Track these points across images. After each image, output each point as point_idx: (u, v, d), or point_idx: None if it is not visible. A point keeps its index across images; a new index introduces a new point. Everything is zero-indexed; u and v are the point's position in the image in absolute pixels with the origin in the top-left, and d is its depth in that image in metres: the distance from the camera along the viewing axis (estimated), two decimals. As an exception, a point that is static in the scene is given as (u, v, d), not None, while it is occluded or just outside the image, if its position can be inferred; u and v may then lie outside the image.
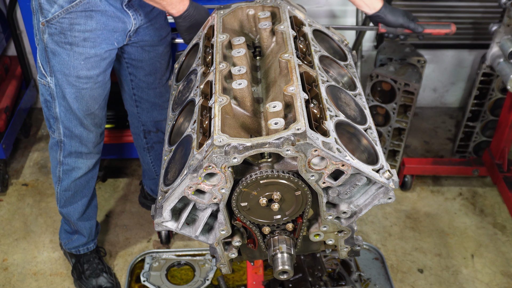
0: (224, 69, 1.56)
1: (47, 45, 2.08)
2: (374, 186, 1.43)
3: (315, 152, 1.28)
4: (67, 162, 2.39)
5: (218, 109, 1.40)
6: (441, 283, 2.77)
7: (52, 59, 2.11)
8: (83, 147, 2.36)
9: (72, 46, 2.07)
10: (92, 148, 2.39)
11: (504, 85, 3.10)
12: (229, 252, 1.55)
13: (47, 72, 2.16)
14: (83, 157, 2.40)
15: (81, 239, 2.65)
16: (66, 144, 2.34)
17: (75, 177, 2.44)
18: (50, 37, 2.06)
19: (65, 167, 2.41)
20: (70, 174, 2.43)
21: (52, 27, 2.03)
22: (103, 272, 2.68)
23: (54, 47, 2.08)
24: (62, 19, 2.01)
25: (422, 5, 3.53)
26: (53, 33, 2.05)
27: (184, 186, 1.34)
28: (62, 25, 2.02)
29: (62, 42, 2.06)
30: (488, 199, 3.27)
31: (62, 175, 2.44)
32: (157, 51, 2.36)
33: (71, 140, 2.33)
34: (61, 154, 2.37)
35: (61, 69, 2.12)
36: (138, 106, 2.58)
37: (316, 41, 1.76)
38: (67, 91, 2.17)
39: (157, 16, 2.27)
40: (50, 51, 2.09)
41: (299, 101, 1.38)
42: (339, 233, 1.54)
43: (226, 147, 1.27)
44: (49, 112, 2.28)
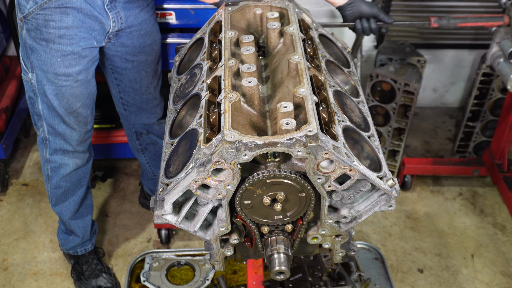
0: (233, 66, 1.56)
1: (26, 41, 2.09)
2: (377, 193, 1.44)
3: (326, 155, 1.29)
4: (53, 159, 2.38)
5: (228, 105, 1.40)
6: (441, 283, 2.77)
7: (31, 55, 2.11)
8: (67, 144, 2.34)
9: (48, 43, 2.06)
10: (76, 146, 2.36)
11: (504, 85, 3.10)
12: (225, 249, 1.55)
13: (29, 68, 2.16)
14: (69, 154, 2.38)
15: (76, 239, 2.64)
16: (51, 142, 2.33)
17: (63, 174, 2.43)
18: (27, 33, 2.06)
19: (52, 165, 2.40)
20: (58, 171, 2.42)
21: (29, 23, 2.03)
22: (102, 272, 2.68)
23: (31, 43, 2.08)
24: (37, 15, 2.01)
25: (422, 5, 3.53)
26: (30, 29, 2.05)
27: (190, 180, 1.34)
28: (38, 21, 2.02)
29: (38, 38, 2.05)
30: (488, 199, 3.27)
31: (50, 172, 2.43)
32: (140, 60, 2.34)
33: (55, 138, 2.32)
34: (47, 152, 2.37)
35: (40, 65, 2.11)
36: (126, 109, 2.57)
37: (321, 46, 1.77)
38: (47, 88, 2.16)
39: (142, 22, 2.24)
40: (29, 47, 2.10)
41: (310, 103, 1.39)
42: (337, 237, 1.54)
43: (237, 144, 1.28)
44: (33, 108, 2.28)
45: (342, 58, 1.87)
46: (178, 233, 2.99)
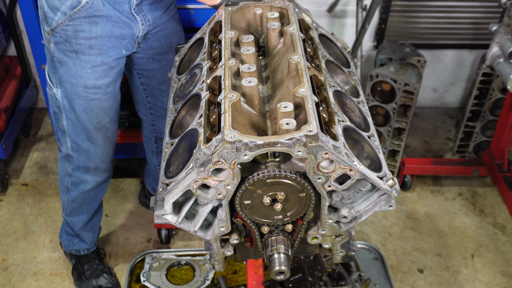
0: (234, 66, 1.56)
1: (54, 55, 2.04)
2: (377, 193, 1.44)
3: (326, 155, 1.29)
4: (75, 174, 2.37)
5: (228, 105, 1.40)
6: (441, 283, 2.77)
7: (59, 69, 2.07)
8: (90, 162, 2.32)
9: (78, 54, 2.02)
10: (99, 163, 2.34)
11: (504, 85, 3.10)
12: (225, 249, 1.55)
13: (54, 83, 2.13)
14: (91, 172, 2.36)
15: (82, 244, 2.64)
16: (74, 158, 2.31)
17: (83, 190, 2.42)
18: (55, 46, 2.02)
19: (74, 179, 2.39)
20: (78, 186, 2.41)
21: (57, 35, 1.99)
22: (103, 272, 2.68)
23: (60, 56, 2.04)
24: (66, 27, 1.97)
25: (422, 5, 3.53)
26: (58, 42, 2.01)
27: (190, 180, 1.34)
28: (67, 33, 1.98)
29: (67, 50, 2.01)
30: (488, 199, 3.27)
31: (70, 185, 2.42)
32: (167, 59, 2.30)
33: (79, 154, 2.29)
34: (70, 167, 2.35)
35: (69, 79, 2.07)
36: (152, 113, 2.54)
37: (321, 46, 1.77)
38: (76, 102, 2.12)
39: (167, 22, 2.21)
40: (57, 61, 2.05)
41: (310, 103, 1.39)
42: (337, 237, 1.54)
43: (237, 144, 1.28)
44: (57, 124, 2.24)
45: (342, 58, 1.87)
46: (178, 233, 2.99)
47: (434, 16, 3.58)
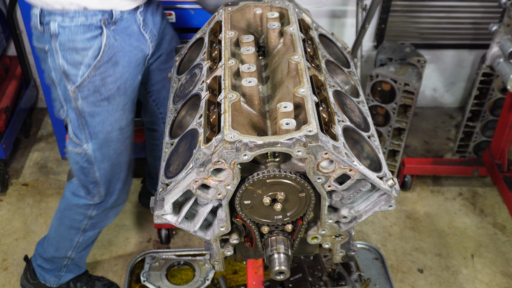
0: (233, 66, 1.56)
1: (83, 110, 1.96)
2: (377, 193, 1.44)
3: (326, 155, 1.29)
4: (99, 216, 2.29)
5: (228, 105, 1.40)
6: (441, 283, 2.77)
7: (91, 122, 1.99)
8: (118, 200, 2.28)
9: (110, 100, 1.96)
10: (125, 197, 2.31)
11: (504, 85, 3.10)
12: (225, 249, 1.55)
13: (83, 140, 2.04)
14: (115, 209, 2.33)
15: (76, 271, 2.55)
16: (105, 202, 2.24)
17: (103, 226, 2.38)
18: (84, 101, 1.93)
19: (95, 220, 2.30)
20: (97, 226, 2.35)
21: (85, 89, 1.91)
22: (96, 280, 2.64)
23: (91, 110, 1.95)
24: (93, 78, 1.90)
25: (422, 5, 3.53)
26: (87, 96, 1.92)
27: (190, 180, 1.34)
28: (95, 83, 1.91)
29: (99, 100, 1.94)
30: (488, 199, 3.27)
31: (89, 227, 2.33)
32: (171, 65, 2.25)
33: (111, 197, 2.23)
34: (94, 212, 2.27)
35: (103, 128, 2.01)
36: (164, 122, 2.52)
37: (321, 46, 1.77)
38: (112, 148, 2.06)
39: (165, 28, 2.16)
40: (88, 115, 1.97)
41: (310, 103, 1.39)
42: (337, 237, 1.54)
43: (237, 144, 1.28)
44: (86, 178, 2.14)
45: (342, 58, 1.87)
46: (178, 233, 2.99)
47: (434, 16, 3.58)
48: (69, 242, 2.37)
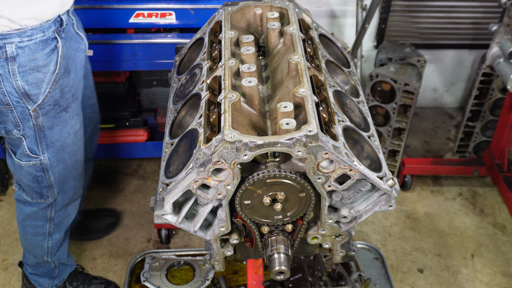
0: (234, 66, 1.56)
1: (43, 126, 1.96)
2: (377, 193, 1.44)
3: (326, 155, 1.29)
4: (58, 215, 2.28)
5: (228, 105, 1.40)
6: (441, 283, 2.77)
7: (49, 135, 2.00)
8: (74, 195, 2.29)
9: (67, 109, 2.00)
10: (80, 191, 2.32)
11: (504, 85, 3.10)
12: (225, 249, 1.55)
13: (39, 152, 2.03)
14: (73, 204, 2.32)
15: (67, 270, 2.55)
16: (58, 201, 2.24)
17: (67, 226, 2.37)
18: (45, 116, 1.94)
19: (57, 220, 2.30)
20: (61, 224, 2.34)
21: (46, 105, 1.92)
22: (93, 279, 2.63)
23: (51, 122, 1.97)
24: (53, 92, 1.91)
25: (422, 5, 3.53)
26: (48, 111, 1.94)
27: (190, 180, 1.34)
28: (55, 97, 1.93)
29: (58, 112, 1.97)
30: (488, 199, 3.27)
31: (53, 229, 2.31)
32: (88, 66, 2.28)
33: (64, 195, 2.23)
34: (52, 212, 2.26)
35: (61, 136, 2.03)
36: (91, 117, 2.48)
37: (321, 46, 1.77)
38: (66, 151, 2.09)
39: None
40: (47, 128, 1.97)
41: (310, 103, 1.39)
42: (337, 237, 1.54)
43: (237, 144, 1.28)
44: (40, 185, 2.13)
45: (342, 58, 1.87)
46: (178, 233, 2.99)
47: (434, 16, 3.57)
48: (40, 248, 2.35)
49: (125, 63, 2.79)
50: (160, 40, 2.73)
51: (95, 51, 2.72)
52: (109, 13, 2.65)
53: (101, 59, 2.75)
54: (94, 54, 2.73)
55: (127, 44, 2.73)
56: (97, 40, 2.72)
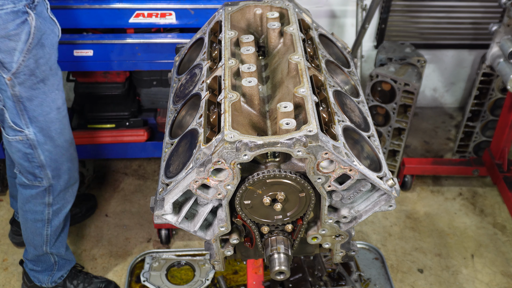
0: (234, 66, 1.56)
1: (21, 96, 2.00)
2: (377, 193, 1.44)
3: (326, 155, 1.29)
4: (57, 201, 2.31)
5: (228, 105, 1.40)
6: (441, 283, 2.77)
7: (30, 106, 2.03)
8: (71, 180, 2.30)
9: (45, 81, 2.02)
10: (77, 174, 2.34)
11: (504, 85, 3.10)
12: (225, 249, 1.55)
13: (24, 126, 2.07)
14: (71, 188, 2.34)
15: (67, 265, 2.56)
16: (55, 186, 2.25)
17: (65, 213, 2.38)
18: (21, 86, 1.97)
19: (55, 207, 2.32)
20: (61, 211, 2.36)
21: (21, 75, 1.96)
22: (93, 278, 2.64)
23: (29, 94, 2.00)
24: (28, 61, 1.95)
25: (422, 5, 3.53)
26: (24, 81, 1.97)
27: (190, 180, 1.34)
28: (30, 67, 1.96)
29: (35, 83, 2.00)
30: (488, 199, 3.27)
31: (52, 215, 2.33)
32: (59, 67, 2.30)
33: (59, 179, 2.25)
34: (50, 197, 2.28)
35: (42, 110, 2.05)
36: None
37: (321, 46, 1.77)
38: (53, 129, 2.10)
39: None
40: (26, 100, 2.01)
41: (310, 103, 1.39)
42: (337, 237, 1.54)
43: (237, 144, 1.28)
44: (31, 164, 2.16)
45: (342, 58, 1.87)
46: (178, 233, 2.99)
47: (434, 16, 3.57)
48: (40, 236, 2.38)
49: (125, 63, 2.79)
50: (160, 40, 2.73)
51: (95, 51, 2.72)
52: (109, 13, 2.65)
53: (101, 59, 2.75)
54: (94, 54, 2.73)
55: (127, 44, 2.73)
56: (97, 40, 2.72)
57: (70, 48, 2.71)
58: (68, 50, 2.71)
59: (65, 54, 2.72)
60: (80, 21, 2.67)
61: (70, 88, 3.71)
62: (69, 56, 2.73)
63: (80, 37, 2.74)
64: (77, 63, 2.77)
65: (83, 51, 2.73)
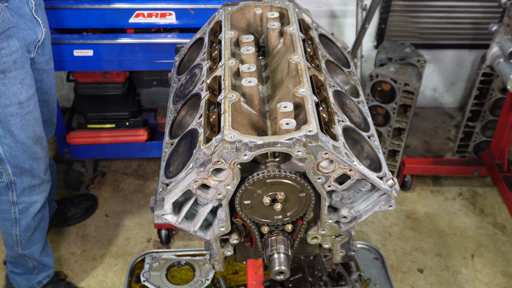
0: (234, 66, 1.56)
1: None
2: (377, 193, 1.44)
3: (325, 155, 1.29)
4: (22, 200, 2.25)
5: (228, 105, 1.40)
6: (441, 283, 2.77)
7: None
8: (35, 179, 2.24)
9: (5, 73, 1.97)
10: (44, 175, 2.28)
11: (504, 85, 3.10)
12: (225, 249, 1.55)
13: None
14: (37, 189, 2.28)
15: (44, 271, 2.53)
16: (17, 183, 2.20)
17: (34, 212, 2.31)
18: None
19: (21, 206, 2.26)
20: (28, 211, 2.29)
21: None
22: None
23: None
24: None
25: (422, 5, 3.53)
26: None
27: (190, 180, 1.34)
28: None
29: None
30: (488, 199, 3.27)
31: (18, 215, 2.28)
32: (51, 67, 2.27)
33: (21, 177, 2.19)
34: (14, 195, 2.22)
35: (1, 101, 2.00)
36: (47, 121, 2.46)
37: (321, 46, 1.77)
38: (12, 123, 2.05)
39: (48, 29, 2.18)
40: None
41: (310, 103, 1.39)
42: (337, 237, 1.54)
43: (237, 144, 1.28)
44: None
45: (342, 58, 1.87)
46: (178, 233, 2.99)
47: (434, 16, 3.57)
48: (11, 237, 2.34)
49: (125, 63, 2.79)
50: (160, 40, 2.73)
51: (95, 51, 2.72)
52: (109, 13, 2.65)
53: (101, 59, 2.75)
54: (94, 54, 2.73)
55: (127, 44, 2.73)
56: (97, 40, 2.72)
57: (70, 48, 2.71)
58: (68, 50, 2.71)
59: (65, 54, 2.73)
60: (80, 21, 2.67)
61: (70, 88, 3.71)
62: (69, 56, 2.73)
63: (80, 37, 2.74)
64: (77, 63, 2.77)
65: (83, 51, 2.73)
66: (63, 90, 3.73)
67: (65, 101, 3.77)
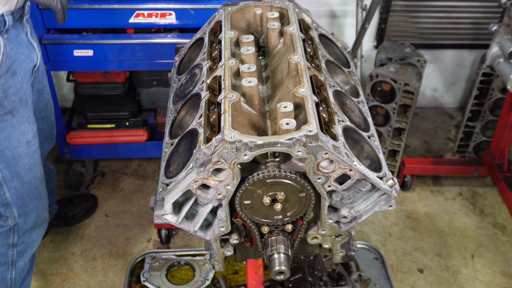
0: (234, 66, 1.56)
1: None
2: (377, 193, 1.44)
3: (326, 155, 1.29)
4: (22, 241, 2.12)
5: (228, 105, 1.40)
6: (441, 283, 2.77)
7: None
8: (39, 218, 2.15)
9: (13, 113, 1.85)
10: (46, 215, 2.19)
11: (504, 85, 3.10)
12: (225, 249, 1.55)
13: None
14: (38, 227, 2.18)
15: None
16: (21, 224, 2.08)
17: (31, 254, 2.21)
18: None
19: (20, 247, 2.14)
20: (26, 252, 2.17)
21: None
22: None
23: None
24: None
25: (422, 5, 3.53)
26: None
27: (190, 180, 1.34)
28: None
29: (2, 114, 1.83)
30: (488, 199, 3.27)
31: (16, 257, 2.14)
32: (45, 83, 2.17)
33: (27, 218, 2.08)
34: (15, 237, 2.09)
35: (10, 143, 1.88)
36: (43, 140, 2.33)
37: (321, 46, 1.78)
38: (20, 164, 1.94)
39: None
40: None
41: (310, 103, 1.39)
42: (337, 237, 1.54)
43: (237, 143, 1.28)
44: None
45: (342, 58, 1.87)
46: (178, 233, 2.99)
47: (434, 16, 3.57)
48: (3, 282, 2.17)
49: (125, 63, 2.79)
50: (160, 40, 2.73)
51: (95, 51, 2.72)
52: (109, 13, 2.65)
53: (101, 59, 2.75)
54: (94, 54, 2.73)
55: (127, 44, 2.73)
56: (97, 40, 2.72)
57: (70, 48, 2.71)
58: (68, 50, 2.71)
59: (65, 54, 2.73)
60: (80, 21, 2.67)
61: (70, 88, 3.71)
62: (69, 56, 2.73)
63: (80, 37, 2.75)
64: (77, 63, 2.77)
65: (83, 51, 2.73)
66: (63, 90, 3.73)
67: (65, 101, 3.77)
